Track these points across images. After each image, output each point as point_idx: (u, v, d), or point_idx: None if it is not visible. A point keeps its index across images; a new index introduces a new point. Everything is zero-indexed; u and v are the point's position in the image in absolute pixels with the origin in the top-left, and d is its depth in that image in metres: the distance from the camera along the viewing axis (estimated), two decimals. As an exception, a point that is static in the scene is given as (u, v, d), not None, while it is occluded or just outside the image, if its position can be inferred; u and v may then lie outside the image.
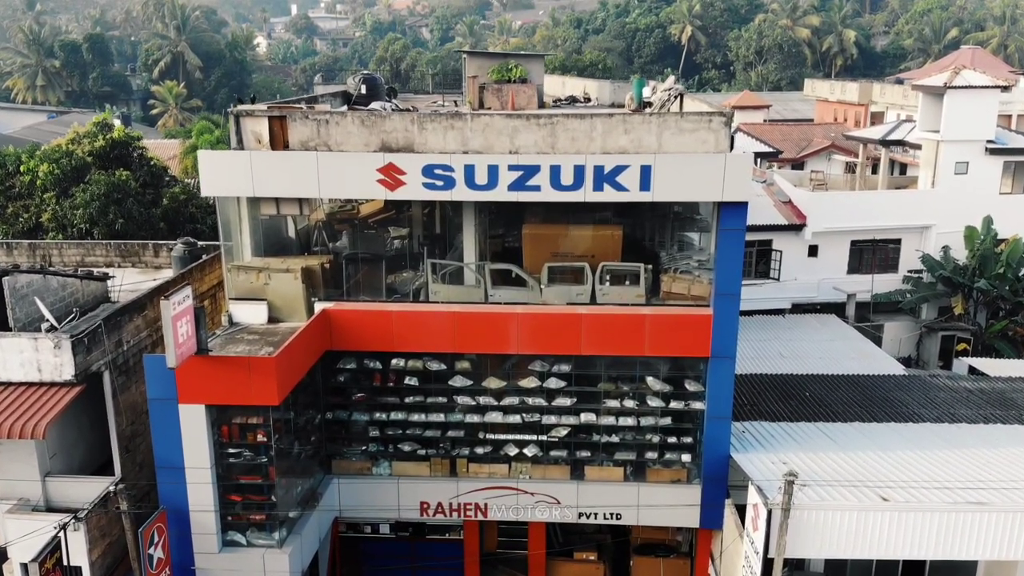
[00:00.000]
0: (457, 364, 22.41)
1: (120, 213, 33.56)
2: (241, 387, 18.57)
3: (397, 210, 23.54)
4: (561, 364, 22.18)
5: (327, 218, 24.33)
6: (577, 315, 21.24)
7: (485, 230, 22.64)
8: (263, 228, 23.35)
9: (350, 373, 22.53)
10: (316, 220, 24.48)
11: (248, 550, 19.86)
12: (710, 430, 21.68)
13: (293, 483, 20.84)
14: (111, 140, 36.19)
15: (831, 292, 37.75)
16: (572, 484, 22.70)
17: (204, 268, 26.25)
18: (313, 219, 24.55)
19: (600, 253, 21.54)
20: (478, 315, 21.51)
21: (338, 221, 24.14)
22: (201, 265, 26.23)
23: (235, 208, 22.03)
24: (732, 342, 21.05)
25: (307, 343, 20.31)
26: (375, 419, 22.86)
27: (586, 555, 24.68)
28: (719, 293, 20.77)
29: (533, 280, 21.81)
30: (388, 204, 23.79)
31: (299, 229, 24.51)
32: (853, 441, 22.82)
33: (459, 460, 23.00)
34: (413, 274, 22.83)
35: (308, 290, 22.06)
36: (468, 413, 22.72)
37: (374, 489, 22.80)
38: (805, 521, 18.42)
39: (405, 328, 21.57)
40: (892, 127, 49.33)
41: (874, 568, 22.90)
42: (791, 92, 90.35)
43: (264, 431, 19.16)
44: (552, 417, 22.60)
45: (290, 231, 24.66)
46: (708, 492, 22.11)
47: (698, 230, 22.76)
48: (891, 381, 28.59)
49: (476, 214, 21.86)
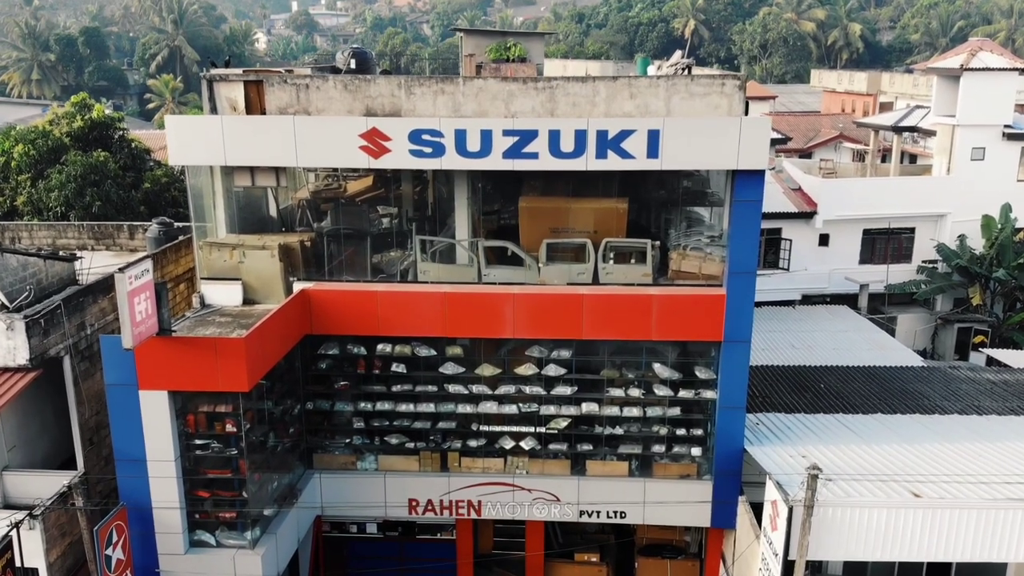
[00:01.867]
0: (448, 349, 20.71)
1: (98, 196, 31.91)
2: (207, 371, 16.88)
3: (386, 188, 21.90)
4: (561, 349, 20.47)
5: (312, 196, 22.64)
6: (578, 296, 19.52)
7: (479, 205, 20.97)
8: (240, 204, 21.70)
9: (332, 359, 20.83)
10: (300, 199, 22.82)
11: (217, 551, 18.16)
12: (722, 421, 19.97)
13: (268, 478, 19.13)
14: (90, 120, 34.48)
15: (842, 283, 36.45)
16: (573, 480, 20.99)
17: (180, 249, 24.63)
18: (297, 198, 22.91)
19: (603, 229, 19.82)
20: (471, 296, 19.81)
21: (323, 200, 22.45)
22: (177, 246, 24.59)
23: (207, 180, 20.36)
24: (747, 325, 19.36)
25: (283, 325, 18.61)
26: (359, 409, 21.18)
27: (588, 556, 22.97)
28: (733, 271, 19.06)
29: (531, 258, 20.09)
30: (377, 182, 22.23)
31: (282, 209, 22.85)
32: (876, 433, 21.17)
33: (451, 454, 21.30)
34: (401, 253, 21.15)
35: (286, 269, 20.39)
36: (460, 403, 21.07)
37: (359, 485, 21.11)
38: (830, 519, 16.73)
39: (392, 310, 19.87)
40: (905, 113, 48.04)
41: (896, 571, 21.21)
42: (797, 85, 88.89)
43: (233, 420, 17.45)
44: (551, 407, 20.91)
45: (271, 210, 22.98)
46: (720, 488, 20.40)
47: (709, 204, 21.03)
48: (910, 373, 27.06)
49: (469, 186, 20.16)
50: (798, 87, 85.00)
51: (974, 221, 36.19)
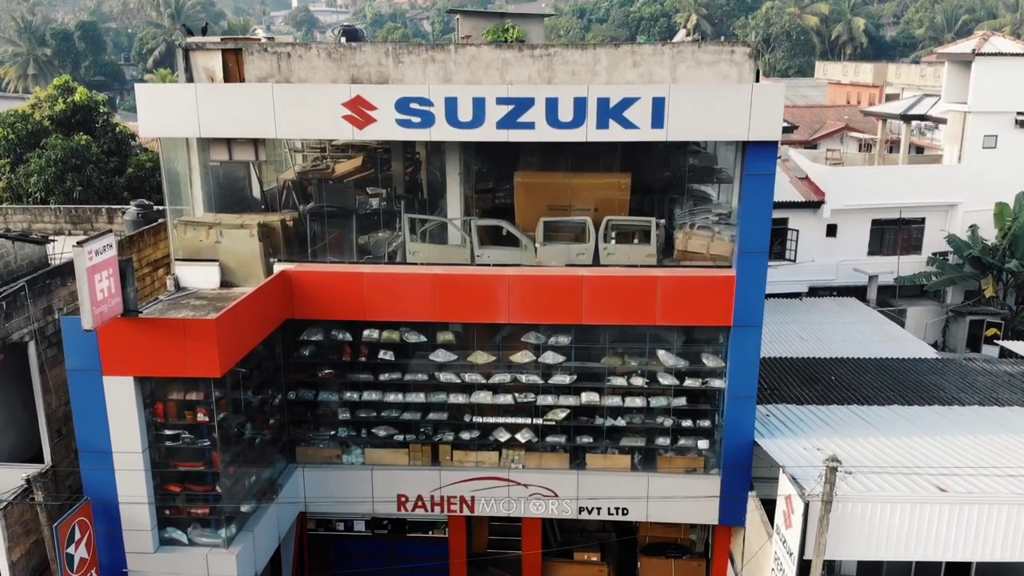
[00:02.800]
0: (439, 336, 19.45)
1: (79, 181, 30.71)
2: (176, 356, 15.63)
3: (375, 168, 20.71)
4: (559, 335, 19.20)
5: (298, 178, 21.46)
6: (578, 278, 18.26)
7: (472, 183, 19.73)
8: (219, 183, 20.50)
9: (315, 346, 19.57)
10: (285, 180, 21.62)
11: (189, 550, 16.90)
12: (731, 412, 18.72)
13: (245, 472, 17.87)
14: (72, 104, 33.23)
15: (850, 275, 35.44)
16: (572, 474, 19.73)
17: (159, 232, 23.36)
18: (282, 179, 21.73)
19: (605, 206, 18.56)
20: (463, 278, 18.56)
21: (310, 182, 21.25)
22: (155, 229, 23.35)
23: (183, 154, 19.12)
24: (758, 309, 18.11)
25: (260, 307, 17.35)
26: (345, 400, 19.92)
27: (588, 555, 21.72)
28: (743, 251, 17.81)
29: (527, 238, 18.84)
30: (366, 162, 21.04)
31: (266, 191, 21.66)
32: (894, 425, 19.98)
33: (442, 447, 20.05)
34: (389, 234, 19.89)
35: (267, 250, 19.16)
36: (452, 393, 19.81)
37: (344, 480, 19.86)
38: (849, 516, 15.50)
39: (378, 293, 18.62)
40: (914, 101, 47.20)
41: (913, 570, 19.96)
42: (800, 79, 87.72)
43: (205, 409, 16.19)
44: (549, 397, 19.64)
45: (254, 190, 21.76)
46: (729, 483, 19.14)
47: (717, 181, 19.76)
48: (924, 365, 25.89)
49: (461, 161, 18.92)
50: (802, 81, 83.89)
51: (986, 211, 35.24)
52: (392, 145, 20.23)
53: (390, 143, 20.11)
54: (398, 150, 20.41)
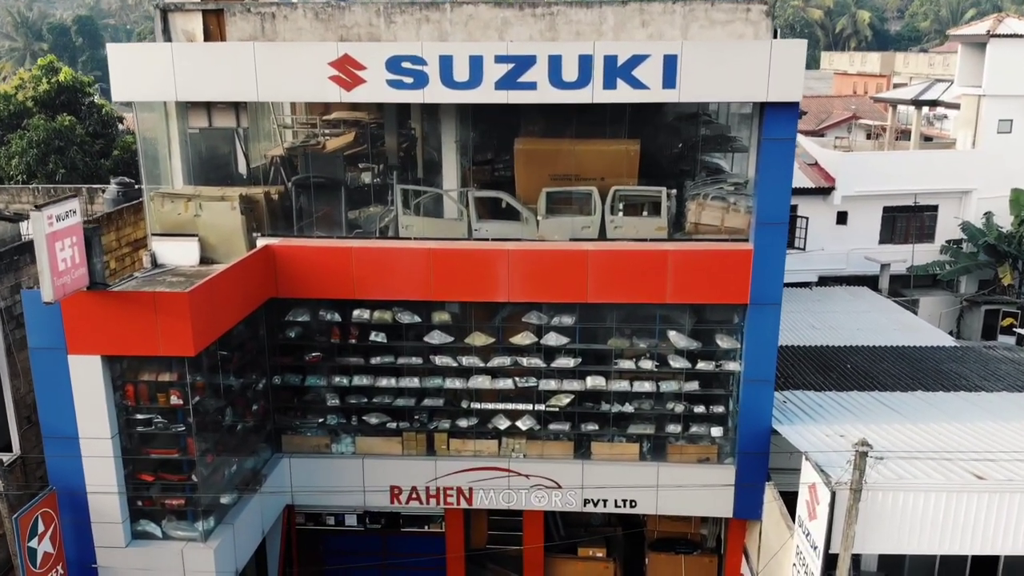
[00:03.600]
0: (434, 316, 18.20)
1: (62, 163, 29.49)
2: (147, 333, 14.37)
3: (369, 143, 19.48)
4: (563, 315, 17.95)
5: (287, 154, 20.19)
6: (582, 253, 17.01)
7: (469, 152, 18.49)
8: (201, 155, 19.30)
9: (301, 327, 18.31)
10: (273, 157, 20.37)
11: (163, 543, 15.64)
12: (747, 397, 17.47)
13: (225, 461, 16.60)
14: (57, 84, 32.02)
15: (861, 264, 34.32)
16: (576, 464, 18.48)
17: (140, 211, 22.05)
18: (270, 155, 20.48)
19: (612, 175, 17.29)
20: (460, 253, 17.31)
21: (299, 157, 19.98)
22: (136, 207, 22.06)
23: (160, 122, 17.89)
24: (777, 285, 16.86)
25: (240, 283, 16.10)
26: (334, 385, 18.66)
27: (593, 551, 20.45)
28: (761, 222, 16.55)
29: (528, 211, 17.58)
30: (358, 137, 19.80)
31: (253, 168, 20.39)
32: (920, 411, 18.75)
33: (437, 435, 18.78)
34: (381, 208, 18.65)
35: (250, 224, 17.91)
36: (448, 377, 18.56)
37: (333, 471, 18.60)
38: (879, 506, 14.23)
39: (369, 270, 17.37)
40: (925, 86, 46.20)
41: (937, 564, 18.74)
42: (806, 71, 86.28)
43: (179, 391, 14.93)
44: (551, 382, 18.39)
45: (240, 165, 20.50)
46: (744, 473, 17.89)
47: (731, 150, 18.50)
48: (942, 352, 24.68)
49: (457, 128, 17.69)
50: (808, 72, 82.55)
51: (1002, 197, 34.27)
52: (385, 117, 19.04)
53: (383, 116, 18.96)
54: (391, 122, 19.21)
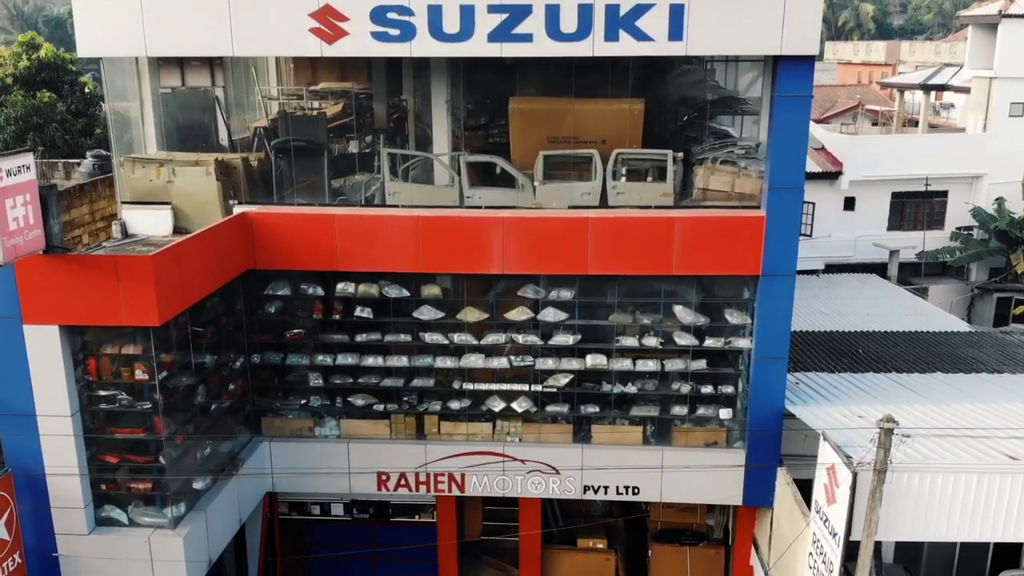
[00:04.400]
0: (424, 290, 17.04)
1: (41, 140, 28.33)
2: (108, 300, 13.20)
3: (358, 114, 18.36)
4: (561, 289, 16.79)
5: (271, 125, 19.06)
6: (582, 221, 15.86)
7: (461, 116, 17.32)
8: (177, 123, 18.23)
9: (281, 302, 17.15)
10: (257, 128, 19.25)
11: (129, 531, 14.49)
12: (758, 376, 16.32)
13: (198, 444, 15.42)
14: (38, 61, 30.87)
15: (869, 251, 33.28)
16: (575, 449, 17.32)
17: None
18: (253, 127, 19.35)
19: (614, 137, 16.13)
20: (451, 221, 16.15)
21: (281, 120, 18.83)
22: (112, 181, 20.88)
23: (132, 82, 16.75)
24: (791, 255, 15.72)
25: (212, 250, 14.94)
26: (317, 364, 17.48)
27: (593, 542, 19.30)
28: (774, 187, 15.40)
29: (524, 177, 16.42)
30: (347, 107, 18.70)
31: (235, 139, 19.26)
32: (941, 392, 17.63)
33: (428, 418, 17.63)
34: (367, 176, 17.51)
35: (226, 192, 16.75)
36: (439, 356, 17.40)
37: (316, 456, 17.42)
38: (905, 488, 13.06)
39: (354, 239, 16.21)
40: (934, 71, 45.22)
41: (957, 554, 17.64)
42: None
43: (144, 366, 13.76)
44: (549, 361, 17.23)
45: (221, 136, 19.37)
46: (755, 458, 16.73)
47: (742, 113, 17.36)
48: (957, 338, 23.57)
49: (448, 85, 16.54)
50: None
51: (1013, 183, 33.14)
52: (374, 85, 18.13)
53: (372, 84, 18.05)
54: (380, 91, 18.19)
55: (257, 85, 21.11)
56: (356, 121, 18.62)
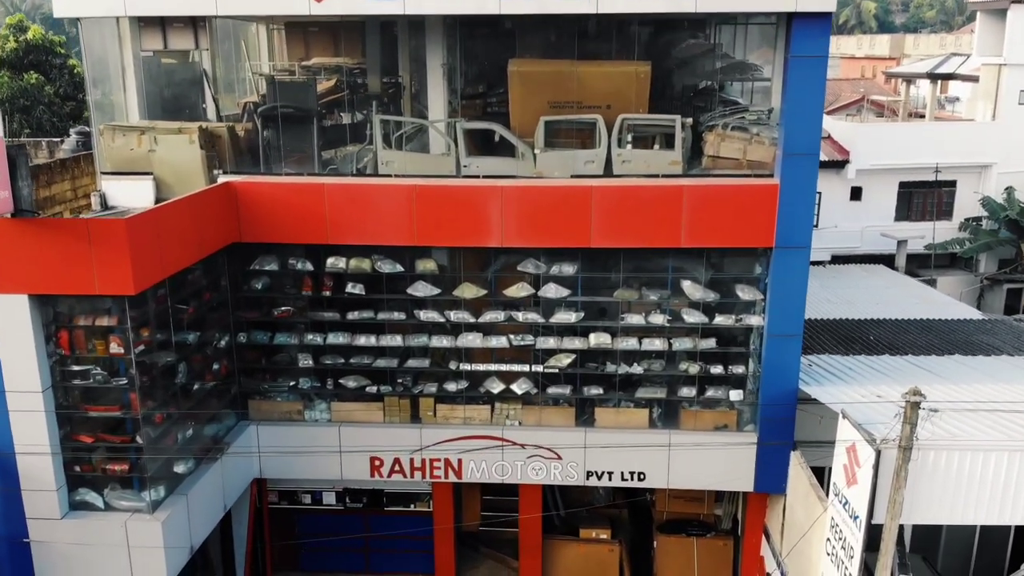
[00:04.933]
0: (419, 264, 16.21)
1: (27, 122, 27.53)
2: (81, 268, 12.38)
3: (351, 89, 17.58)
4: (563, 263, 15.97)
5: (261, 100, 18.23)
6: (586, 191, 15.03)
7: (458, 78, 16.53)
8: (162, 92, 17.46)
9: (269, 277, 16.32)
10: (247, 103, 18.50)
11: (105, 515, 13.65)
12: (771, 354, 15.51)
13: (180, 425, 14.58)
14: (25, 43, 30.08)
15: (876, 242, 32.42)
16: (578, 432, 16.49)
17: (100, 161, 20.15)
18: (242, 103, 18.62)
19: (619, 102, 15.31)
20: (447, 190, 15.34)
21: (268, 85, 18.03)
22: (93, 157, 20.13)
23: (112, 46, 15.95)
24: (806, 225, 14.96)
25: (193, 219, 14.11)
26: (306, 343, 16.66)
27: (597, 532, 18.46)
28: (789, 153, 14.58)
29: (524, 145, 15.59)
30: (340, 83, 17.90)
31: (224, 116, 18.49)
32: (962, 374, 16.79)
33: (423, 400, 16.79)
34: (359, 147, 16.69)
35: (210, 161, 15.94)
36: (435, 335, 16.58)
37: (306, 440, 16.59)
38: (931, 468, 12.23)
39: (345, 211, 15.39)
40: (941, 59, 44.37)
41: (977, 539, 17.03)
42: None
43: (119, 338, 12.92)
44: (550, 340, 16.42)
45: (209, 110, 18.59)
46: (767, 441, 15.87)
47: (752, 79, 16.54)
48: (971, 325, 22.78)
49: (445, 48, 15.72)
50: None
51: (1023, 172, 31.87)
52: (368, 59, 17.41)
53: (366, 59, 17.33)
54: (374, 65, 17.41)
55: (248, 61, 20.34)
56: (350, 96, 17.84)
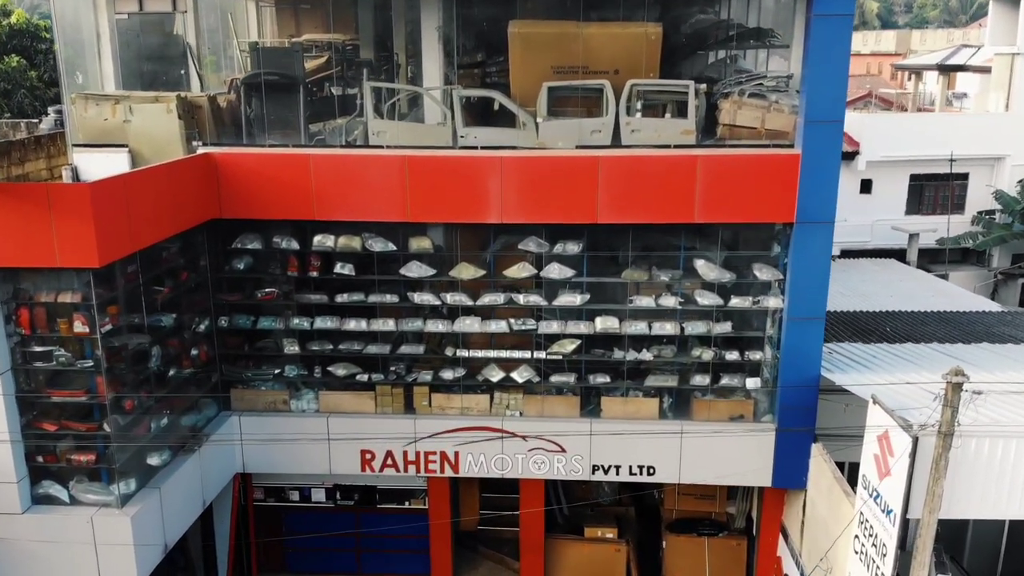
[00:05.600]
0: (412, 243, 15.14)
1: (8, 106, 26.50)
2: (40, 238, 11.31)
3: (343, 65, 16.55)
4: (568, 242, 14.89)
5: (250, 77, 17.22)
6: (592, 161, 13.98)
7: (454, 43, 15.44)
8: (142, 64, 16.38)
9: (251, 257, 15.24)
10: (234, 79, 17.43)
11: (70, 510, 12.56)
12: (791, 339, 14.45)
13: (151, 412, 13.47)
14: (8, 27, 29.08)
15: (886, 236, 31.51)
16: (583, 424, 15.40)
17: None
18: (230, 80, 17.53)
19: (628, 66, 14.23)
20: (442, 161, 14.29)
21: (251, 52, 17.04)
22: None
23: (86, 9, 14.92)
24: (830, 199, 13.91)
25: (168, 189, 13.05)
26: (292, 328, 15.59)
27: (602, 531, 17.36)
28: (811, 120, 13.50)
29: (526, 114, 14.51)
30: (330, 59, 16.91)
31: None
32: (994, 361, 15.78)
33: (417, 389, 15.73)
34: (350, 119, 15.64)
35: (189, 133, 14.86)
36: (430, 319, 15.51)
37: (292, 432, 15.47)
38: (973, 457, 11.13)
39: (332, 184, 14.33)
40: (952, 51, 43.55)
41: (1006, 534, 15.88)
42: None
43: (84, 316, 11.84)
44: (554, 324, 15.34)
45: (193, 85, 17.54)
46: (786, 433, 14.80)
47: (768, 45, 15.48)
48: (991, 317, 21.73)
49: (440, 10, 14.69)
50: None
51: (1038, 164, 31.16)
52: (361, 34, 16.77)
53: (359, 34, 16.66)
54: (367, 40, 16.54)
55: (236, 38, 19.36)
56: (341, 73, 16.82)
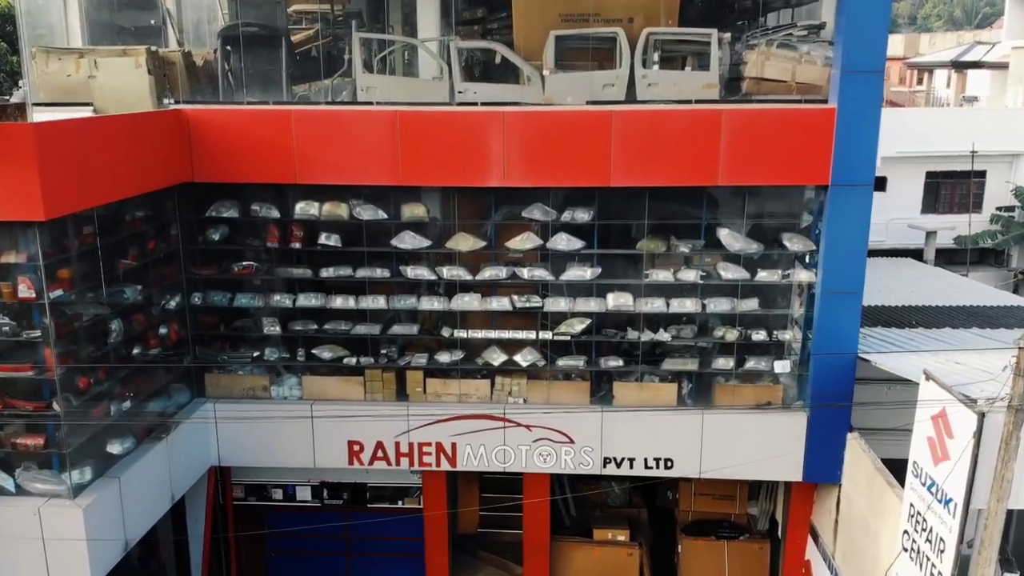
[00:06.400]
0: (405, 210, 13.75)
1: (-17, 91, 25.22)
2: (-22, 186, 9.94)
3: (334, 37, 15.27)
4: (577, 209, 13.50)
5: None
6: (605, 117, 12.61)
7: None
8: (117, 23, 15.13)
9: (228, 226, 13.85)
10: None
11: (15, 500, 11.11)
12: (825, 316, 13.07)
13: (110, 392, 12.04)
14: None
15: (902, 235, 30.11)
16: (593, 412, 13.98)
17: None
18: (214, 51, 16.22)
19: (644, 13, 12.92)
20: (437, 117, 12.93)
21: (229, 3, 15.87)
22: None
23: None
24: (869, 159, 12.60)
25: (131, 141, 11.69)
26: (272, 306, 14.18)
27: (613, 533, 15.90)
28: (848, 71, 12.14)
29: (531, 68, 13.14)
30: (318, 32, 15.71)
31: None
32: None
33: (411, 374, 14.31)
34: (338, 77, 14.30)
35: (161, 89, 13.49)
36: (425, 296, 14.13)
37: (273, 421, 14.03)
38: (1047, 439, 9.68)
39: (316, 143, 12.95)
40: (966, 48, 42.64)
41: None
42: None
43: (29, 279, 10.42)
44: (561, 301, 13.94)
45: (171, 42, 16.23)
46: (819, 421, 13.41)
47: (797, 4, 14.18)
48: (1020, 312, 20.21)
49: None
50: (822, 61, 79.03)
51: (1058, 160, 30.06)
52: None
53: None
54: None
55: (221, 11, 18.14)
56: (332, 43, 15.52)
